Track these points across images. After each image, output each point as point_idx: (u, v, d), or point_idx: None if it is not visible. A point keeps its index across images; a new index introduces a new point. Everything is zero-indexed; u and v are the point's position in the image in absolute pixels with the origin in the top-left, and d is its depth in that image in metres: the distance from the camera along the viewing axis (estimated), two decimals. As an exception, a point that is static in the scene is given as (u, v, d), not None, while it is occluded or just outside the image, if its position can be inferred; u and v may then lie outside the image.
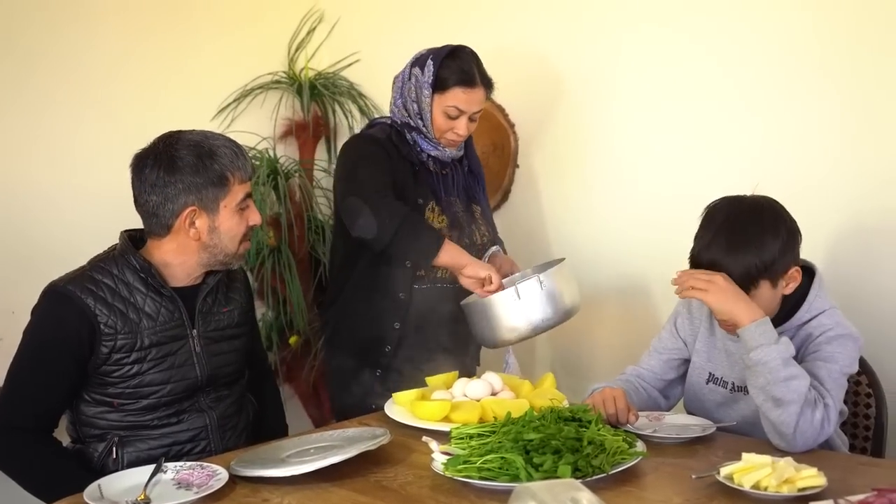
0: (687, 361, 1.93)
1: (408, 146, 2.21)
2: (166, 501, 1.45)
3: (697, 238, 1.75)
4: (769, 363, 1.60)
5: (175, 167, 1.74)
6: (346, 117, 3.27)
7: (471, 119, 2.20)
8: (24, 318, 2.57)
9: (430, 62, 2.16)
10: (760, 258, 1.67)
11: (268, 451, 1.66)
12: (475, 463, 1.44)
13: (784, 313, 1.76)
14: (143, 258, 1.78)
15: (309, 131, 3.20)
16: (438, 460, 1.50)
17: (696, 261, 1.73)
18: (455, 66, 2.15)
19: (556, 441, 1.43)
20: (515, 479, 1.39)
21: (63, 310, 1.71)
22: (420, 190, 2.19)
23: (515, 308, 2.01)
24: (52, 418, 1.78)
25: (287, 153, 3.25)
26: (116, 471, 1.66)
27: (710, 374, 1.87)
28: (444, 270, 2.18)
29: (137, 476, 1.55)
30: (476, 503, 1.40)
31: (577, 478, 1.39)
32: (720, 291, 1.65)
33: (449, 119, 2.17)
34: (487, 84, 2.21)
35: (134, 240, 1.83)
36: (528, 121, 2.86)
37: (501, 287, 2.04)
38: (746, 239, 1.68)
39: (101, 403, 1.76)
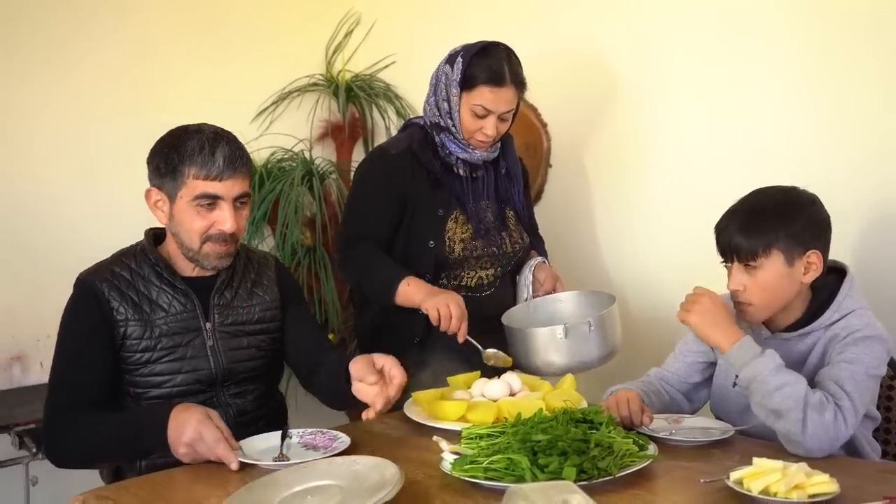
0: (712, 365, 1.90)
1: (430, 153, 2.15)
2: (301, 459, 1.59)
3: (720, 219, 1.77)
4: (757, 377, 1.60)
5: (152, 151, 1.82)
6: (383, 118, 3.31)
7: (501, 119, 2.12)
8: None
9: (459, 59, 2.10)
10: (775, 229, 1.67)
11: (259, 491, 1.44)
12: (482, 463, 1.44)
13: (812, 313, 1.73)
14: (159, 253, 1.84)
15: (345, 133, 3.24)
16: (447, 460, 1.50)
17: (718, 240, 1.76)
18: (484, 64, 2.08)
19: (562, 443, 1.42)
20: (521, 479, 1.39)
21: (83, 298, 1.79)
22: (441, 199, 2.14)
23: (560, 345, 1.99)
24: (99, 401, 1.77)
25: (325, 155, 3.30)
26: (138, 462, 1.77)
27: (736, 376, 1.84)
28: (468, 279, 2.17)
29: (269, 440, 1.71)
30: (482, 503, 1.40)
31: (583, 479, 1.38)
32: (701, 314, 1.68)
33: (476, 118, 2.10)
34: (519, 84, 2.13)
35: (158, 237, 1.89)
36: (561, 120, 2.85)
37: (460, 324, 1.99)
38: (762, 213, 1.70)
39: (123, 393, 1.82)
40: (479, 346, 2.02)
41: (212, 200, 1.76)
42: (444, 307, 1.97)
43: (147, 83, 2.92)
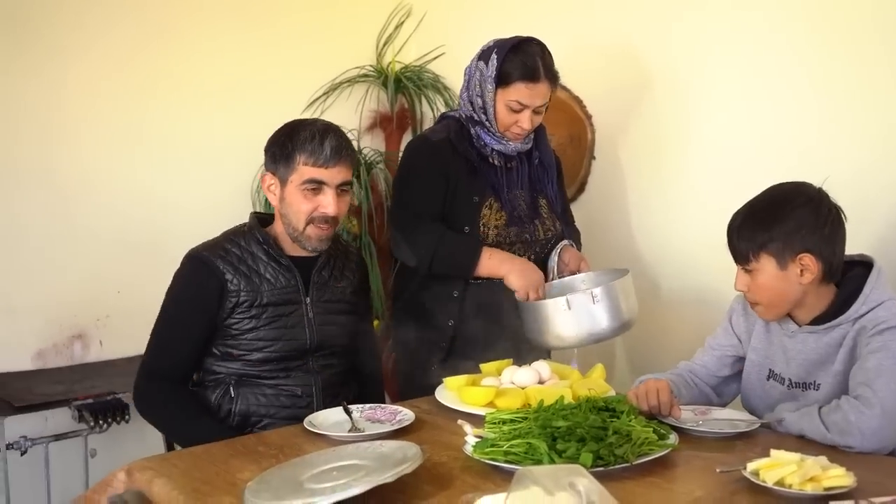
0: (742, 359, 1.91)
1: (467, 143, 2.21)
2: (371, 430, 1.71)
3: None
4: (791, 430, 1.67)
5: (270, 140, 2.01)
6: (432, 109, 3.35)
7: (535, 112, 2.17)
8: (128, 297, 2.84)
9: (493, 56, 2.14)
10: (760, 234, 1.70)
11: (288, 469, 1.51)
12: (502, 447, 1.48)
13: (838, 306, 1.73)
14: (266, 232, 2.03)
15: (393, 123, 3.29)
16: (470, 443, 1.55)
17: (727, 236, 1.79)
18: (518, 61, 2.13)
19: (581, 429, 1.46)
20: (539, 463, 1.43)
21: (198, 271, 1.97)
22: (477, 187, 2.19)
23: (565, 317, 2.02)
24: (189, 367, 2.01)
25: (373, 145, 3.37)
26: (231, 409, 1.96)
27: (770, 370, 1.85)
28: None
29: (333, 416, 1.81)
30: (501, 485, 1.43)
31: (599, 466, 1.42)
32: None
33: (512, 113, 2.16)
34: (552, 78, 2.18)
35: (263, 220, 2.08)
36: (606, 112, 2.85)
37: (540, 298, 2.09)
38: (753, 217, 1.73)
39: (224, 354, 1.99)
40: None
41: (317, 185, 1.95)
42: (531, 286, 2.11)
43: (202, 74, 3.01)
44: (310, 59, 3.25)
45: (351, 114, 3.30)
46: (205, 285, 1.95)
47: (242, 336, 1.97)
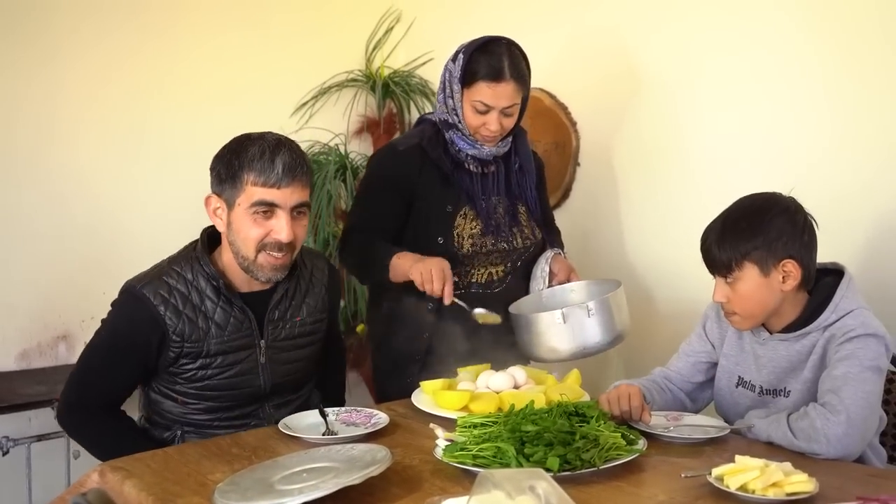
0: (716, 365, 1.92)
1: (440, 149, 2.15)
2: (345, 434, 1.71)
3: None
4: (760, 436, 1.69)
5: (215, 157, 1.81)
6: (420, 114, 3.36)
7: (505, 114, 2.09)
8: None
9: (461, 55, 2.10)
10: (744, 242, 1.71)
11: (259, 470, 1.51)
12: (471, 450, 1.50)
13: (809, 314, 1.74)
14: (214, 266, 1.82)
15: (381, 128, 3.31)
16: (440, 446, 1.57)
17: (701, 255, 1.79)
18: (484, 60, 2.06)
19: (549, 434, 1.47)
20: (507, 467, 1.44)
21: (136, 314, 1.77)
22: (449, 196, 2.14)
23: (559, 330, 1.99)
24: (116, 401, 1.86)
25: (361, 150, 3.38)
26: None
27: (739, 377, 1.86)
28: (478, 276, 2.19)
29: (308, 418, 1.79)
30: (469, 489, 1.41)
31: (566, 470, 1.43)
32: None
33: (478, 114, 2.08)
34: (519, 78, 2.08)
35: (214, 237, 1.87)
36: (591, 120, 2.87)
37: (443, 285, 1.98)
38: (733, 227, 1.73)
39: (167, 397, 1.85)
40: (467, 307, 2.03)
41: (268, 208, 1.74)
42: (426, 272, 1.97)
43: (191, 77, 3.03)
44: (298, 63, 3.27)
45: (339, 118, 3.33)
46: (142, 330, 1.76)
47: (190, 384, 1.81)
